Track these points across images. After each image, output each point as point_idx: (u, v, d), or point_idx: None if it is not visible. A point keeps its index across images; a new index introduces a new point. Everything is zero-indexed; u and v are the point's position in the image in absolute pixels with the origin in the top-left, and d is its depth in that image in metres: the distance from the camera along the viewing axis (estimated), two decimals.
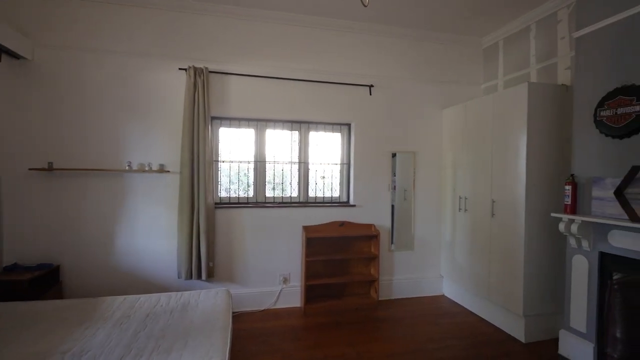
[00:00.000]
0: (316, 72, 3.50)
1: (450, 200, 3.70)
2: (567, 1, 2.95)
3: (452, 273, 3.69)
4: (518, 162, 2.81)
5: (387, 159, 3.73)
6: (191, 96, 3.11)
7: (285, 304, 3.44)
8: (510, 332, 2.93)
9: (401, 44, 3.74)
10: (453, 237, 3.66)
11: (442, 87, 3.87)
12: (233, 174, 3.49)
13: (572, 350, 2.53)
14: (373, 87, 3.64)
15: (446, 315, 3.33)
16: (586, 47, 2.50)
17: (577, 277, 2.51)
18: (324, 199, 3.71)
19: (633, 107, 2.17)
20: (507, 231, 2.92)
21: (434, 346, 2.73)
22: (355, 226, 3.58)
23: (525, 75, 3.41)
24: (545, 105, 2.79)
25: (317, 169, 3.70)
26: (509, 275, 2.90)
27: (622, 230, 2.21)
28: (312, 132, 3.68)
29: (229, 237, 3.33)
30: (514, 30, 3.52)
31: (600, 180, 2.35)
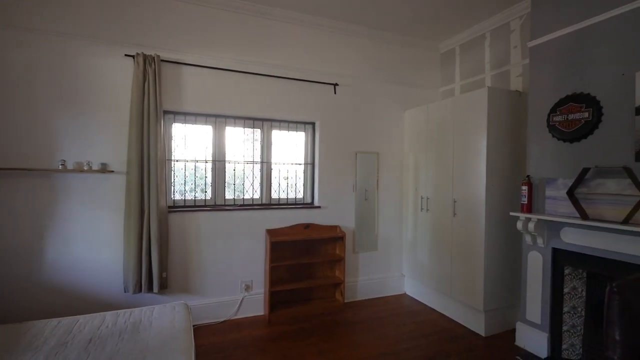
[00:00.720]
0: (281, 68, 3.33)
1: (413, 201, 3.77)
2: (520, 12, 3.14)
3: (414, 272, 3.76)
4: (478, 163, 2.93)
5: (352, 159, 3.69)
6: (140, 87, 2.76)
7: (248, 312, 3.22)
8: (471, 327, 3.04)
9: (365, 44, 3.72)
10: (415, 236, 3.73)
11: (403, 89, 3.93)
12: (189, 174, 3.19)
13: (528, 340, 2.69)
14: (338, 86, 3.57)
15: (410, 314, 3.38)
16: (539, 56, 2.66)
17: (532, 272, 2.67)
18: (287, 200, 3.56)
19: (582, 114, 2.34)
20: (468, 230, 3.03)
21: (403, 347, 2.73)
22: (320, 228, 3.48)
23: (480, 81, 3.59)
24: (502, 109, 2.93)
25: (280, 169, 3.53)
26: (470, 273, 3.01)
27: (573, 228, 2.39)
28: (275, 130, 3.50)
29: (184, 244, 3.03)
30: (470, 38, 3.69)
31: (554, 180, 2.51)
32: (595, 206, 2.24)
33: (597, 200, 2.24)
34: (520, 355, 2.60)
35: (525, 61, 3.07)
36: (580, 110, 2.36)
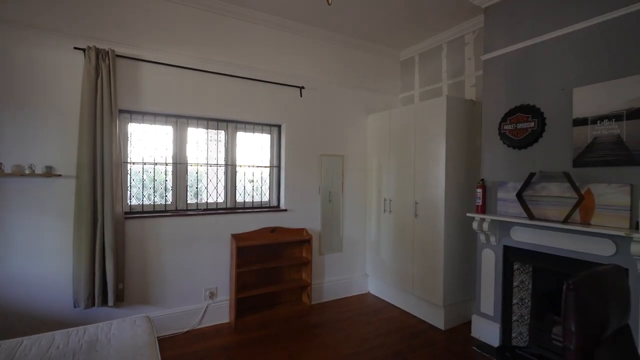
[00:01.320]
0: (246, 69, 3.26)
1: (376, 202, 3.89)
2: (473, 27, 3.38)
3: (377, 271, 3.88)
4: (438, 167, 3.10)
5: (317, 162, 3.72)
6: (92, 83, 2.54)
7: (213, 321, 3.11)
8: (431, 322, 3.21)
9: (331, 49, 3.77)
10: (378, 237, 3.85)
11: (366, 94, 4.04)
12: (147, 178, 3.00)
13: (483, 331, 2.91)
14: (304, 89, 3.58)
15: (375, 312, 3.48)
16: (492, 69, 2.89)
17: (486, 269, 2.89)
18: (253, 204, 3.49)
19: (529, 123, 2.59)
20: (428, 230, 3.20)
21: (370, 345, 2.81)
22: (287, 231, 3.46)
23: (438, 89, 3.80)
24: (459, 117, 3.14)
25: (245, 172, 3.46)
26: (430, 270, 3.18)
27: (521, 227, 2.63)
28: (240, 132, 3.42)
29: (142, 252, 2.84)
30: (429, 48, 3.90)
31: (504, 184, 2.75)
32: (540, 207, 2.49)
33: (541, 201, 2.49)
34: (476, 346, 2.81)
35: (479, 72, 3.32)
36: (527, 120, 2.60)
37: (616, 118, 2.14)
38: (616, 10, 2.15)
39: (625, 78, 2.11)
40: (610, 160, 2.16)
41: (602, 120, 2.20)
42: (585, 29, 2.30)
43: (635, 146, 2.06)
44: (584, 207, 2.26)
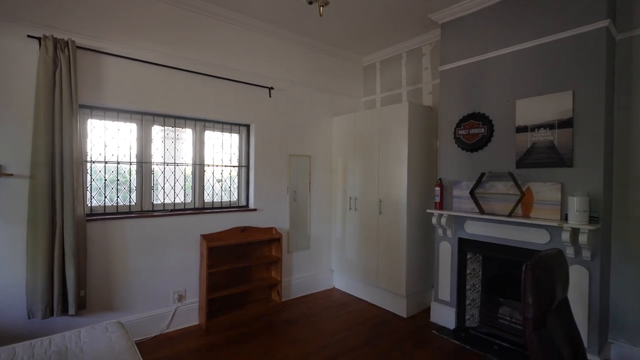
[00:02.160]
0: (216, 67, 3.22)
1: (341, 201, 4.07)
2: (430, 40, 3.70)
3: (342, 266, 4.06)
4: (401, 167, 3.36)
5: (286, 162, 3.79)
6: (49, 75, 2.35)
7: (182, 324, 3.03)
8: (395, 311, 3.46)
9: (299, 51, 3.86)
10: (344, 234, 4.03)
11: (332, 96, 4.20)
12: (109, 177, 2.83)
13: (440, 316, 3.21)
14: (273, 89, 3.63)
15: (342, 306, 3.65)
16: (448, 79, 3.21)
17: (443, 259, 3.20)
18: (222, 203, 3.46)
19: (479, 129, 2.93)
20: (392, 226, 3.44)
21: (340, 337, 2.96)
22: (256, 231, 3.48)
23: (398, 95, 4.09)
24: (418, 121, 3.42)
25: (214, 171, 3.41)
26: (394, 263, 3.42)
27: (473, 221, 2.96)
28: (208, 131, 3.37)
29: (106, 256, 2.69)
30: (389, 56, 4.17)
31: (459, 183, 3.07)
32: (489, 203, 2.84)
33: (490, 198, 2.84)
34: (435, 329, 3.10)
35: (435, 81, 3.65)
36: (478, 126, 2.94)
37: (550, 127, 2.53)
38: (546, 36, 2.54)
39: (556, 94, 2.51)
40: (546, 162, 2.55)
41: (539, 128, 2.58)
42: (524, 50, 2.68)
43: (564, 151, 2.46)
44: (525, 203, 2.63)
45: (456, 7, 3.05)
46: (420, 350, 2.75)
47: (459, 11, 3.06)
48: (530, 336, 1.30)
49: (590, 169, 2.35)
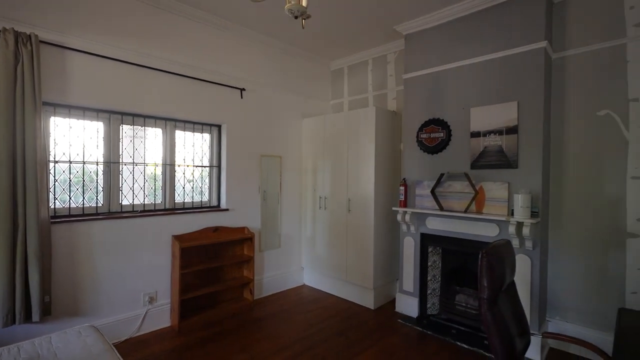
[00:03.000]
0: (187, 67, 3.21)
1: (312, 200, 4.20)
2: (394, 49, 3.95)
3: (312, 263, 4.20)
4: (368, 167, 3.56)
5: (257, 162, 3.85)
6: (10, 71, 2.23)
7: (153, 326, 2.99)
8: (363, 304, 3.67)
9: (271, 54, 3.93)
10: (314, 232, 4.17)
11: (301, 99, 4.32)
12: (74, 178, 2.73)
13: (405, 306, 3.47)
14: (245, 90, 3.67)
15: (313, 301, 3.79)
16: (411, 86, 3.46)
17: (407, 253, 3.46)
18: (193, 204, 3.44)
19: (439, 134, 3.21)
20: (360, 223, 3.64)
21: (314, 330, 3.10)
22: (229, 230, 3.51)
23: (364, 99, 4.31)
24: (385, 125, 3.66)
25: (185, 171, 3.38)
26: (362, 259, 3.63)
27: (434, 217, 3.24)
28: (179, 131, 3.34)
29: (72, 260, 2.59)
30: (356, 62, 4.37)
31: (421, 182, 3.34)
32: (448, 200, 3.13)
33: (449, 196, 3.12)
34: (400, 318, 3.34)
35: (399, 87, 3.91)
36: (438, 131, 3.22)
37: (499, 133, 2.85)
38: (496, 52, 2.87)
39: (504, 104, 2.83)
40: (495, 164, 2.87)
41: (490, 134, 2.90)
42: (477, 63, 2.99)
43: (511, 154, 2.79)
44: (478, 200, 2.94)
45: (419, 20, 3.31)
46: (388, 338, 2.97)
47: (422, 24, 3.32)
48: (485, 314, 1.52)
49: (531, 170, 2.69)
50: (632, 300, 2.50)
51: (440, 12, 3.15)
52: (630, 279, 2.52)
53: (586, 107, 2.71)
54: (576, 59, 2.76)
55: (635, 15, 2.50)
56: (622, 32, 2.56)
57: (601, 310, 2.63)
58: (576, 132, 2.76)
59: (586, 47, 2.71)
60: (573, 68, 2.77)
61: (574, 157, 2.77)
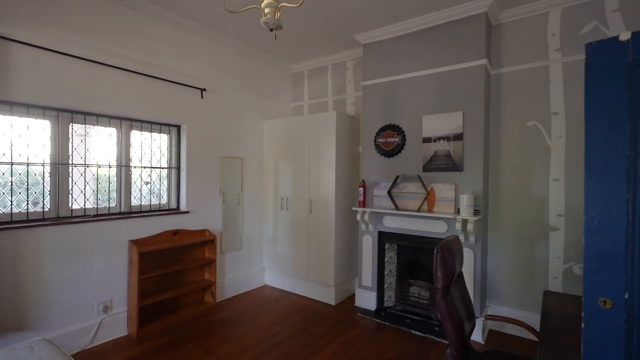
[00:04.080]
0: (145, 65, 3.09)
1: (273, 201, 4.25)
2: (353, 56, 4.15)
3: (274, 264, 4.25)
4: (329, 169, 3.71)
5: (218, 164, 3.81)
6: None
7: (109, 336, 2.85)
8: (325, 300, 3.82)
9: (232, 54, 3.91)
10: (275, 232, 4.23)
11: (262, 100, 4.35)
12: (17, 180, 2.50)
13: (364, 300, 3.68)
14: (205, 91, 3.61)
15: (275, 301, 3.85)
16: (369, 93, 3.68)
17: (365, 250, 3.67)
18: (151, 207, 3.31)
19: (395, 138, 3.46)
20: (322, 223, 3.78)
21: (278, 329, 3.17)
22: (189, 233, 3.44)
23: (324, 103, 4.46)
24: (344, 129, 3.84)
25: (141, 173, 3.25)
26: (323, 257, 3.77)
27: (390, 216, 3.49)
28: (136, 131, 3.20)
29: (15, 270, 2.38)
30: (317, 66, 4.51)
31: (378, 183, 3.56)
32: (403, 200, 3.39)
33: (403, 196, 3.38)
34: (360, 312, 3.54)
35: (357, 93, 4.11)
36: (394, 136, 3.47)
37: (447, 139, 3.16)
38: (446, 66, 3.18)
39: (451, 113, 3.15)
40: (444, 167, 3.18)
41: (440, 140, 3.20)
42: (429, 75, 3.28)
43: (457, 159, 3.11)
44: (429, 200, 3.23)
45: (376, 32, 3.52)
46: (349, 331, 3.14)
47: (379, 35, 3.55)
48: (439, 302, 1.73)
49: (474, 173, 3.03)
50: (554, 284, 2.94)
51: (395, 25, 3.39)
52: (552, 266, 2.96)
53: (518, 118, 3.12)
54: (510, 76, 3.16)
55: (555, 41, 2.94)
56: (546, 55, 2.99)
57: (530, 294, 3.05)
58: (510, 140, 3.16)
59: (518, 66, 3.12)
60: (507, 84, 3.17)
61: (508, 162, 3.17)
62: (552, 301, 2.08)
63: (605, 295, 0.96)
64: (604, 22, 2.73)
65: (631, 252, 0.92)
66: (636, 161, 0.92)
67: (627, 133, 0.93)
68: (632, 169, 0.92)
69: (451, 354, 1.72)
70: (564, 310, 1.92)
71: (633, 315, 0.92)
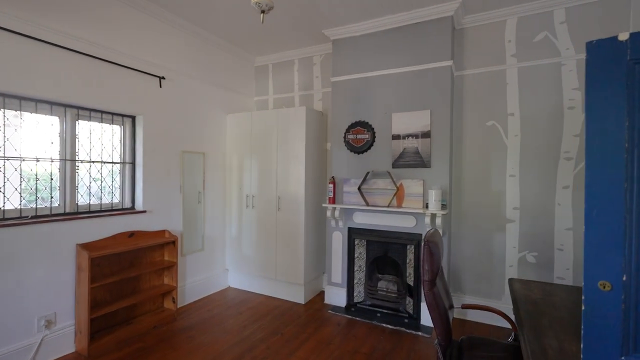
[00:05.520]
0: (97, 47, 2.74)
1: (237, 199, 4.06)
2: (320, 52, 4.11)
3: (238, 264, 4.06)
4: (299, 165, 3.63)
5: (179, 159, 3.53)
6: None
7: (53, 354, 2.48)
8: (294, 299, 3.73)
9: (194, 42, 3.64)
10: (240, 231, 4.04)
11: (226, 93, 4.12)
12: None
13: (333, 297, 3.66)
14: (164, 79, 3.32)
15: (242, 303, 3.68)
16: (339, 89, 3.66)
17: (335, 247, 3.66)
18: (101, 206, 2.96)
19: (365, 135, 3.49)
20: (291, 220, 3.69)
21: (248, 332, 3.02)
22: (147, 235, 3.14)
23: (290, 98, 4.35)
24: (313, 125, 3.78)
25: (89, 168, 2.89)
26: (292, 256, 3.68)
27: (360, 212, 3.51)
28: (83, 121, 2.83)
29: None
30: (282, 60, 4.39)
31: (348, 180, 3.57)
32: (373, 196, 3.43)
33: (373, 192, 3.43)
34: (330, 309, 3.52)
35: (325, 89, 4.08)
36: (364, 133, 3.50)
37: (415, 136, 3.26)
38: (415, 65, 3.27)
39: (419, 111, 3.25)
40: (413, 164, 3.27)
41: (408, 137, 3.29)
42: (399, 74, 3.35)
43: (425, 155, 3.22)
44: (399, 196, 3.31)
45: (347, 27, 3.52)
46: (321, 329, 3.10)
47: (349, 32, 3.54)
48: (428, 294, 1.76)
49: (441, 169, 3.16)
50: (511, 272, 3.18)
51: (366, 22, 3.41)
52: (508, 256, 3.20)
53: (479, 118, 3.32)
54: (472, 78, 3.35)
55: (512, 47, 3.17)
56: (503, 60, 3.21)
57: (489, 283, 3.26)
58: (472, 138, 3.35)
59: (478, 69, 3.31)
60: (469, 85, 3.36)
61: (470, 159, 3.36)
62: (517, 287, 2.23)
63: (605, 278, 1.02)
64: (553, 32, 3.01)
65: (629, 238, 0.99)
66: (633, 153, 0.99)
67: (625, 126, 0.99)
68: (630, 160, 0.99)
69: (439, 344, 1.75)
70: (532, 295, 2.06)
71: (630, 295, 1.00)
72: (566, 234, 2.97)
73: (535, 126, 3.08)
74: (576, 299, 1.93)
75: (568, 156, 2.97)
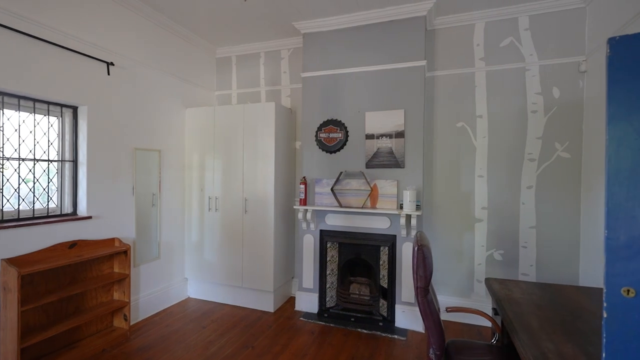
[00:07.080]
0: (27, 22, 2.28)
1: (198, 201, 3.71)
2: (289, 46, 3.91)
3: (199, 272, 3.72)
4: (268, 165, 3.41)
5: (130, 157, 3.12)
6: None
7: None
8: (262, 308, 3.50)
9: (147, 26, 3.24)
10: (202, 237, 3.70)
11: (184, 86, 3.76)
12: None
13: (305, 303, 3.49)
14: (113, 65, 2.90)
15: (204, 315, 3.36)
16: (310, 85, 3.50)
17: (307, 251, 3.49)
18: (34, 212, 2.49)
19: (338, 134, 3.37)
20: (259, 224, 3.45)
21: (215, 348, 2.75)
22: (92, 244, 2.71)
23: (256, 93, 4.10)
24: (283, 122, 3.57)
25: (18, 167, 2.41)
26: (261, 261, 3.45)
27: (333, 214, 3.38)
28: (10, 111, 2.35)
29: None
30: (247, 52, 4.11)
31: (320, 180, 3.42)
32: (346, 197, 3.32)
33: (347, 193, 3.32)
34: (302, 316, 3.35)
35: (293, 85, 3.89)
36: (337, 131, 3.37)
37: (389, 136, 3.21)
38: (388, 64, 3.22)
39: (393, 110, 3.21)
40: (387, 164, 3.22)
41: (382, 137, 3.23)
42: (372, 72, 3.27)
43: (399, 156, 3.18)
44: (373, 196, 3.24)
45: (319, 21, 3.37)
46: (295, 339, 2.92)
47: (322, 25, 3.40)
48: (422, 302, 1.67)
49: (415, 169, 3.14)
50: (479, 270, 3.26)
51: (339, 17, 3.29)
52: (477, 254, 3.28)
53: (449, 119, 3.36)
54: (443, 79, 3.38)
55: (480, 51, 3.25)
56: (472, 63, 3.28)
57: (459, 281, 3.32)
58: (442, 139, 3.38)
59: (448, 70, 3.35)
60: (440, 86, 3.39)
61: (441, 159, 3.39)
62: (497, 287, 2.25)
63: (628, 284, 0.98)
64: (518, 38, 3.13)
65: None
66: None
67: None
68: None
69: (434, 354, 1.67)
70: (512, 295, 2.08)
71: None
72: (530, 232, 3.11)
73: (502, 128, 3.18)
74: (552, 297, 1.98)
75: (531, 157, 3.10)
